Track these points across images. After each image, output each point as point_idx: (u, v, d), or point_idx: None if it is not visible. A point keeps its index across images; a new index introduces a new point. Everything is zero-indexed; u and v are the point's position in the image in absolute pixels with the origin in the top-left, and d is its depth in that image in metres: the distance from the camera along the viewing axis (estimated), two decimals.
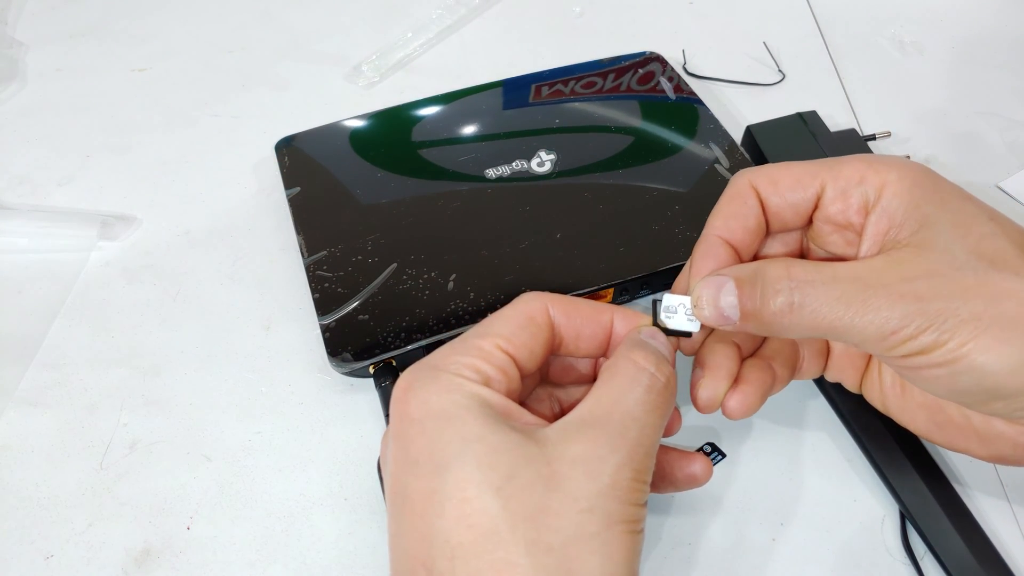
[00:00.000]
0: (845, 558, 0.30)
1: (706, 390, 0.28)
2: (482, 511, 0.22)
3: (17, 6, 0.59)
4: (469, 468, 0.23)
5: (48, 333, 0.39)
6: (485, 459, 0.23)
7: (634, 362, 0.26)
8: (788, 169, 0.28)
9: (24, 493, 0.33)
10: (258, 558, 0.31)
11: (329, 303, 0.36)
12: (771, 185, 0.28)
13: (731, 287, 0.26)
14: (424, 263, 0.37)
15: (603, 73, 0.46)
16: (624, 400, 0.25)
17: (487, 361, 0.26)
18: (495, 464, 0.23)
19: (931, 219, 0.25)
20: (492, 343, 0.26)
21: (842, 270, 0.25)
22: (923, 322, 0.23)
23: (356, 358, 0.34)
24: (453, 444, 0.24)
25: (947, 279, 0.24)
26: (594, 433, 0.24)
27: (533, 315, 0.27)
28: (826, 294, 0.24)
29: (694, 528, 0.31)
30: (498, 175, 0.41)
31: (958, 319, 0.23)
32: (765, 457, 0.33)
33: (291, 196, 0.41)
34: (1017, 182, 0.43)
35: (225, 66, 0.54)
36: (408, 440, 0.25)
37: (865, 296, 0.24)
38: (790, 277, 0.25)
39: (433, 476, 0.23)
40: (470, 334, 0.27)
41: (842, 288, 0.24)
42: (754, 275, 0.26)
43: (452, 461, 0.23)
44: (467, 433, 0.24)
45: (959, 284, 0.24)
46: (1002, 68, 0.51)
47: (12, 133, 0.49)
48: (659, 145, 0.42)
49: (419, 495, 0.24)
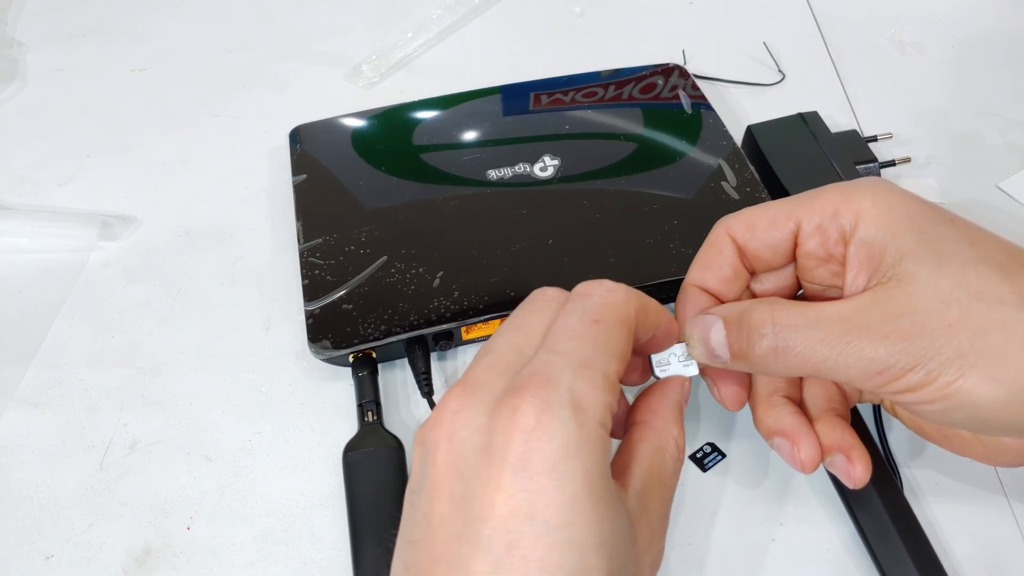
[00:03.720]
0: (845, 558, 0.30)
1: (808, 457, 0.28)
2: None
3: (17, 6, 0.59)
4: (601, 558, 0.21)
5: (48, 333, 0.39)
6: (611, 550, 0.21)
7: (676, 443, 0.26)
8: (764, 211, 0.28)
9: (24, 493, 0.33)
10: (258, 558, 0.31)
11: (317, 290, 0.36)
12: (748, 230, 0.28)
13: (720, 327, 0.26)
14: (414, 258, 0.37)
15: (622, 82, 0.46)
16: (669, 485, 0.26)
17: (615, 399, 0.23)
18: (615, 556, 0.21)
19: (911, 250, 0.24)
20: (616, 371, 0.23)
21: (826, 311, 0.25)
22: (908, 361, 0.23)
23: (335, 346, 0.34)
24: (591, 531, 0.21)
25: (931, 315, 0.23)
26: (652, 521, 0.24)
27: (631, 325, 0.25)
28: (809, 337, 0.25)
29: (694, 528, 0.31)
30: (499, 177, 0.41)
31: (943, 357, 0.23)
32: (765, 457, 0.33)
33: (297, 183, 0.41)
34: (1017, 182, 0.43)
35: (225, 66, 0.54)
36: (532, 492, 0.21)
37: (848, 338, 0.24)
38: (774, 322, 0.25)
39: (561, 551, 0.20)
40: (591, 351, 0.23)
41: (825, 330, 0.24)
42: (739, 317, 0.26)
43: (583, 544, 0.21)
44: (603, 518, 0.21)
45: (943, 320, 0.23)
46: (1002, 68, 0.51)
47: (12, 133, 0.49)
48: (665, 157, 0.41)
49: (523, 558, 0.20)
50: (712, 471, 0.33)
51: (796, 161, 0.40)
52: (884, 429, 0.33)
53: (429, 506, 0.22)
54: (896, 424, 0.33)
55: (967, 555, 0.30)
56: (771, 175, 0.40)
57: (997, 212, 0.42)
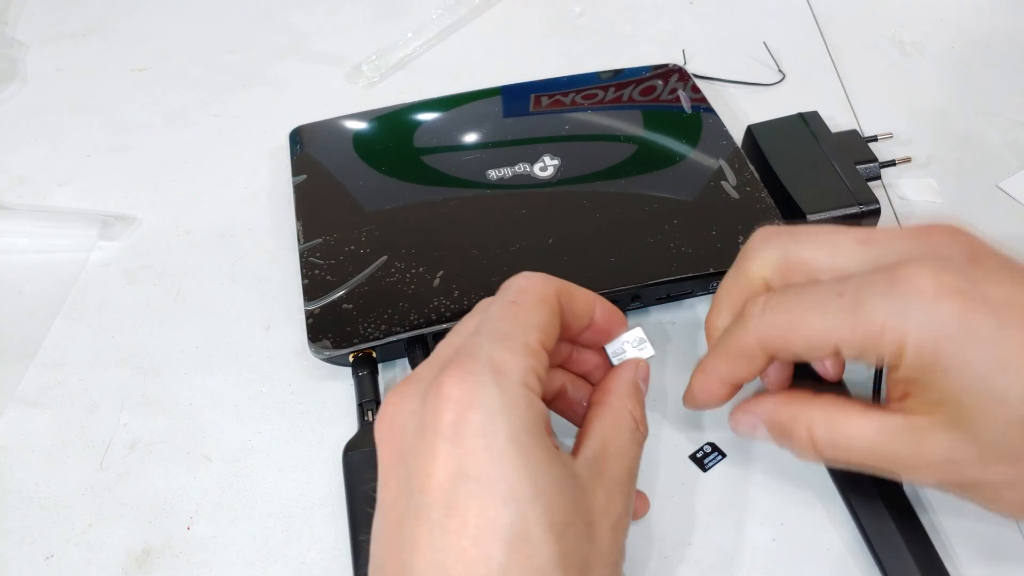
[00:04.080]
0: (847, 558, 0.30)
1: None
2: (542, 554, 0.21)
3: (17, 6, 0.59)
4: (539, 508, 0.21)
5: (48, 333, 0.39)
6: (549, 501, 0.22)
7: (632, 415, 0.27)
8: (801, 330, 0.25)
9: (24, 493, 0.33)
10: (258, 558, 0.31)
11: (317, 290, 0.36)
12: (784, 348, 0.26)
13: (763, 431, 0.28)
14: (414, 258, 0.37)
15: (623, 83, 0.46)
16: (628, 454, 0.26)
17: (539, 361, 0.24)
18: (557, 508, 0.22)
19: (957, 394, 0.23)
20: (537, 340, 0.24)
21: (858, 441, 0.25)
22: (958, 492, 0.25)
23: (335, 346, 0.34)
24: (523, 483, 0.21)
25: (972, 467, 0.23)
26: (608, 484, 0.24)
27: (552, 303, 0.26)
28: (847, 458, 0.26)
29: (694, 528, 0.31)
30: (500, 177, 0.41)
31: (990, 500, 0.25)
32: (765, 457, 0.33)
33: (297, 183, 0.41)
34: (1017, 183, 0.43)
35: (225, 66, 0.54)
36: (462, 455, 0.22)
37: (880, 468, 0.26)
38: (813, 441, 0.26)
39: (495, 506, 0.21)
40: (510, 326, 0.24)
41: (859, 457, 0.26)
42: (781, 431, 0.27)
43: (524, 496, 0.21)
44: (535, 465, 0.22)
45: (988, 470, 0.23)
46: (1002, 68, 0.51)
47: (12, 133, 0.49)
48: (665, 158, 0.41)
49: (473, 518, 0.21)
50: (712, 471, 0.33)
51: (796, 161, 0.40)
52: None
53: (382, 495, 0.24)
54: None
55: (969, 555, 0.30)
56: (771, 175, 0.40)
57: (997, 212, 0.42)
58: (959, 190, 0.43)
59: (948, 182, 0.44)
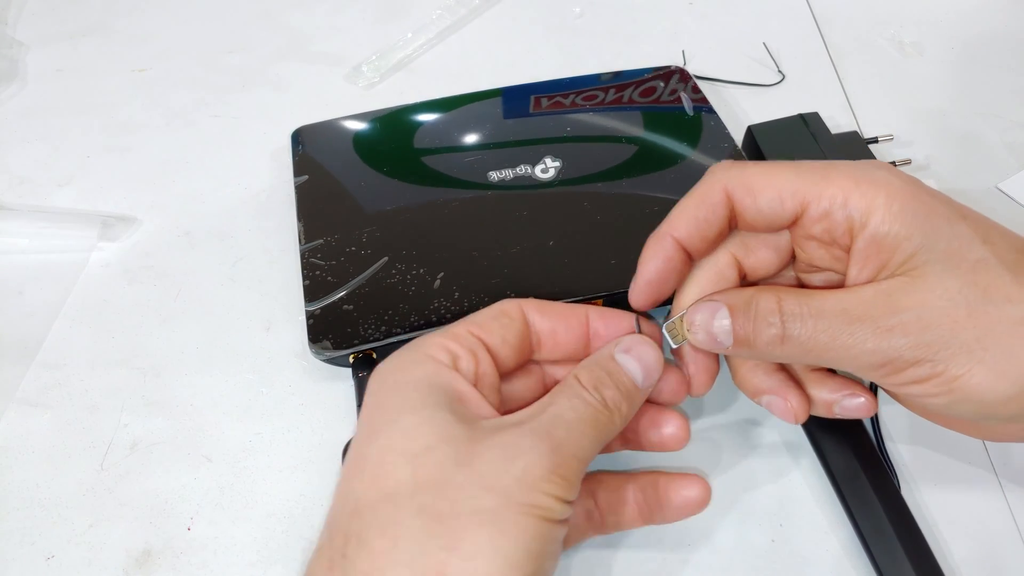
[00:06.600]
0: (843, 559, 0.30)
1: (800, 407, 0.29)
2: (392, 475, 0.24)
3: (17, 6, 0.59)
4: (395, 437, 0.24)
5: (48, 334, 0.39)
6: (411, 431, 0.24)
7: (577, 379, 0.27)
8: (768, 179, 0.26)
9: (25, 494, 0.33)
10: (259, 559, 0.31)
11: (317, 291, 0.36)
12: (748, 195, 0.27)
13: (724, 312, 0.27)
14: (414, 259, 0.37)
15: (624, 84, 0.46)
16: (559, 403, 0.26)
17: (457, 342, 0.27)
18: (418, 436, 0.24)
19: (922, 249, 0.24)
20: (464, 328, 0.28)
21: (829, 303, 0.25)
22: (914, 355, 0.24)
23: (336, 347, 0.34)
24: (390, 413, 0.25)
25: (937, 312, 0.24)
26: (521, 428, 0.25)
27: (506, 309, 0.29)
28: (814, 327, 0.25)
29: (694, 528, 0.31)
30: (500, 179, 0.41)
31: (949, 352, 0.23)
32: (765, 457, 0.33)
33: (298, 184, 0.41)
34: (1016, 183, 0.44)
35: (225, 66, 0.54)
36: (365, 406, 0.27)
37: (852, 330, 0.24)
38: (780, 311, 0.26)
39: (367, 440, 0.25)
40: (457, 324, 0.28)
41: (828, 322, 0.25)
42: (747, 305, 0.26)
43: (383, 428, 0.25)
44: (405, 405, 0.25)
45: (950, 317, 0.24)
46: (1002, 68, 0.51)
47: (12, 133, 0.49)
48: (666, 159, 0.41)
49: (352, 457, 0.25)
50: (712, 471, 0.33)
51: None
52: (882, 431, 0.33)
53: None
54: (895, 425, 0.34)
55: (965, 556, 0.30)
56: None
57: (997, 213, 0.42)
58: (958, 191, 0.43)
59: (947, 183, 0.44)
